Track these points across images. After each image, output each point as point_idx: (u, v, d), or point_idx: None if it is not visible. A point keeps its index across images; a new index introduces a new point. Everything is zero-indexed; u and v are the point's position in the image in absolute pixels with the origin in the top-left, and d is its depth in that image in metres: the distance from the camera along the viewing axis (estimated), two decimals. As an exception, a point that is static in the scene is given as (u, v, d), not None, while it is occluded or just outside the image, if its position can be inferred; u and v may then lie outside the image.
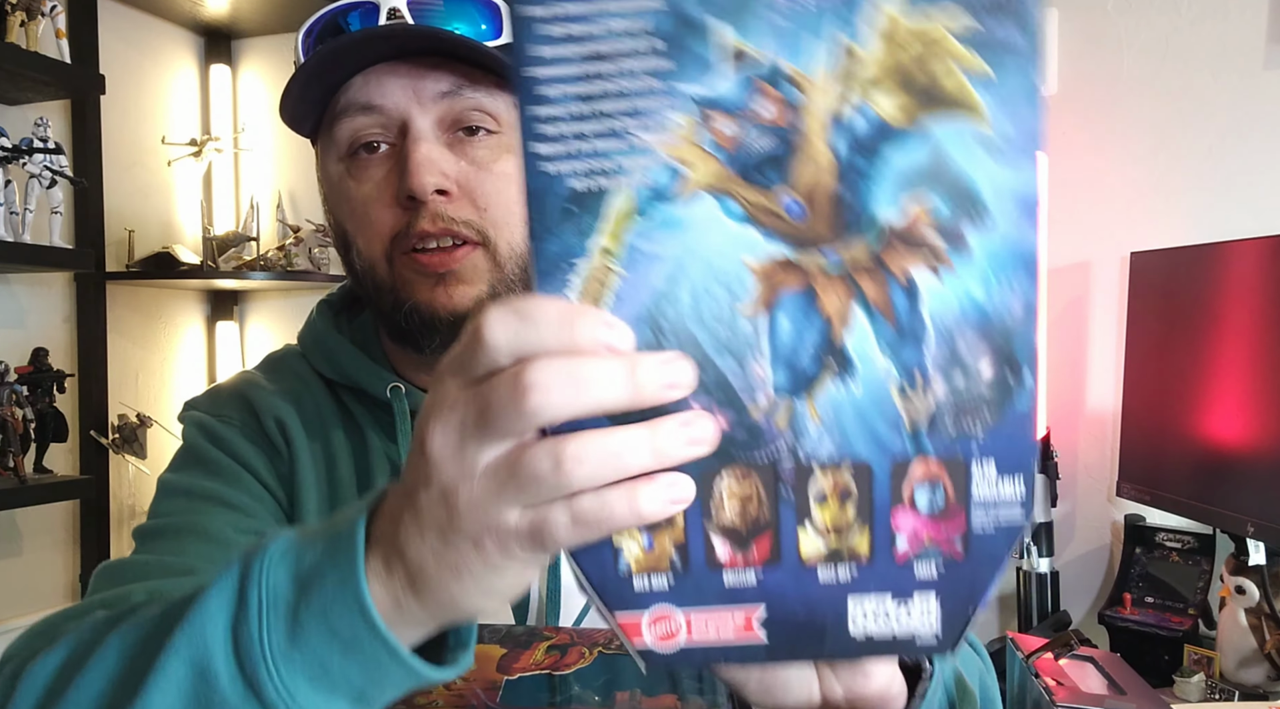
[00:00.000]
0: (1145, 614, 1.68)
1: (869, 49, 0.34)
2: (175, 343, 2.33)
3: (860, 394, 0.36)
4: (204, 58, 2.41)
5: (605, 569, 0.38)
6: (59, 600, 2.03)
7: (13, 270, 1.90)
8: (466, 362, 0.37)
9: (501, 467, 0.36)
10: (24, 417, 1.78)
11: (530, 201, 0.35)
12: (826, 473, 0.37)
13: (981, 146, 0.35)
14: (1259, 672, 1.49)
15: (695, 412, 0.36)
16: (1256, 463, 1.48)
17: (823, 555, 0.38)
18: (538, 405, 0.34)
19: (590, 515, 0.36)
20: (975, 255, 0.35)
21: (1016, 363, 0.36)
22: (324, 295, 0.86)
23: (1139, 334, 1.75)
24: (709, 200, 0.35)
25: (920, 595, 0.38)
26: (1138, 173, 1.85)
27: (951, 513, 0.38)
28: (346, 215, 0.73)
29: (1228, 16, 1.78)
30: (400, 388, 0.75)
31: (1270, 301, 1.46)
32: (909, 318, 0.36)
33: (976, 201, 0.35)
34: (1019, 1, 0.34)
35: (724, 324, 0.36)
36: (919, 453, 0.37)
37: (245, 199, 2.40)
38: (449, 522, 0.37)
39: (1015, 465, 0.37)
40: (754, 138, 0.35)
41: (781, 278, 0.36)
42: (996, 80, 0.34)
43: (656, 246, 0.35)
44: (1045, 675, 1.05)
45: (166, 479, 0.76)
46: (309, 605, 0.41)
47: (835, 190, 0.35)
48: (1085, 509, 1.91)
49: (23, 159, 1.72)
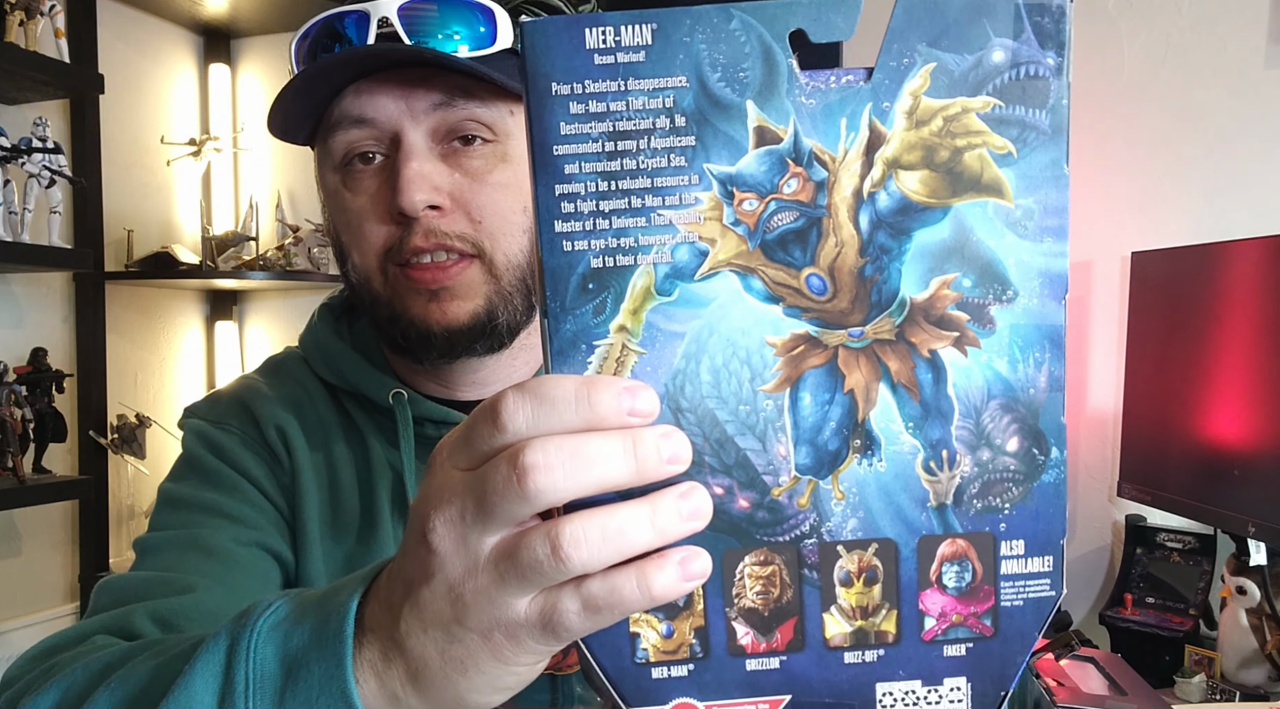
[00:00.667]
0: (1146, 614, 1.67)
1: (895, 128, 0.34)
2: (174, 343, 2.33)
3: (885, 471, 0.36)
4: (203, 57, 2.41)
5: (622, 659, 0.37)
6: (58, 600, 2.03)
7: (12, 270, 1.90)
8: (470, 444, 0.35)
9: (503, 555, 0.35)
10: (23, 417, 1.78)
11: (547, 280, 0.34)
12: (852, 553, 0.36)
13: (1005, 223, 0.35)
14: (1260, 672, 1.49)
15: (692, 484, 0.35)
16: (1257, 463, 1.48)
17: (849, 638, 0.37)
18: (539, 487, 0.33)
19: (600, 600, 0.34)
20: (1001, 332, 0.36)
21: (1044, 439, 0.36)
22: (324, 297, 0.86)
23: (1140, 334, 1.74)
24: (731, 278, 0.35)
25: (950, 679, 0.37)
26: (1138, 173, 1.85)
27: (980, 590, 0.37)
28: (342, 227, 0.73)
29: (1228, 17, 1.78)
30: (403, 394, 0.74)
31: (1271, 301, 1.46)
32: (934, 394, 0.36)
33: (1002, 278, 0.35)
34: (1044, 84, 0.34)
35: (746, 403, 0.35)
36: (946, 531, 0.36)
37: (244, 199, 2.40)
38: (455, 617, 0.36)
39: (1044, 541, 0.37)
40: (779, 216, 0.35)
41: (805, 356, 0.35)
42: (1019, 157, 0.35)
43: (676, 325, 0.35)
44: (1046, 676, 1.04)
45: (167, 488, 0.76)
46: (295, 693, 0.40)
47: (860, 267, 0.35)
48: (1086, 509, 1.91)
49: (22, 159, 1.72)
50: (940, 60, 0.34)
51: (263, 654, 0.41)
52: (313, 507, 0.74)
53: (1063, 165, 0.35)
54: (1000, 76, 0.34)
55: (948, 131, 0.34)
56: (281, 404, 0.77)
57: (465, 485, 0.35)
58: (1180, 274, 1.65)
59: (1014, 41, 0.34)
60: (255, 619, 0.42)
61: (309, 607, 0.42)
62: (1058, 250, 0.35)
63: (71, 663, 0.52)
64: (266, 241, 2.35)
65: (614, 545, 0.33)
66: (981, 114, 0.34)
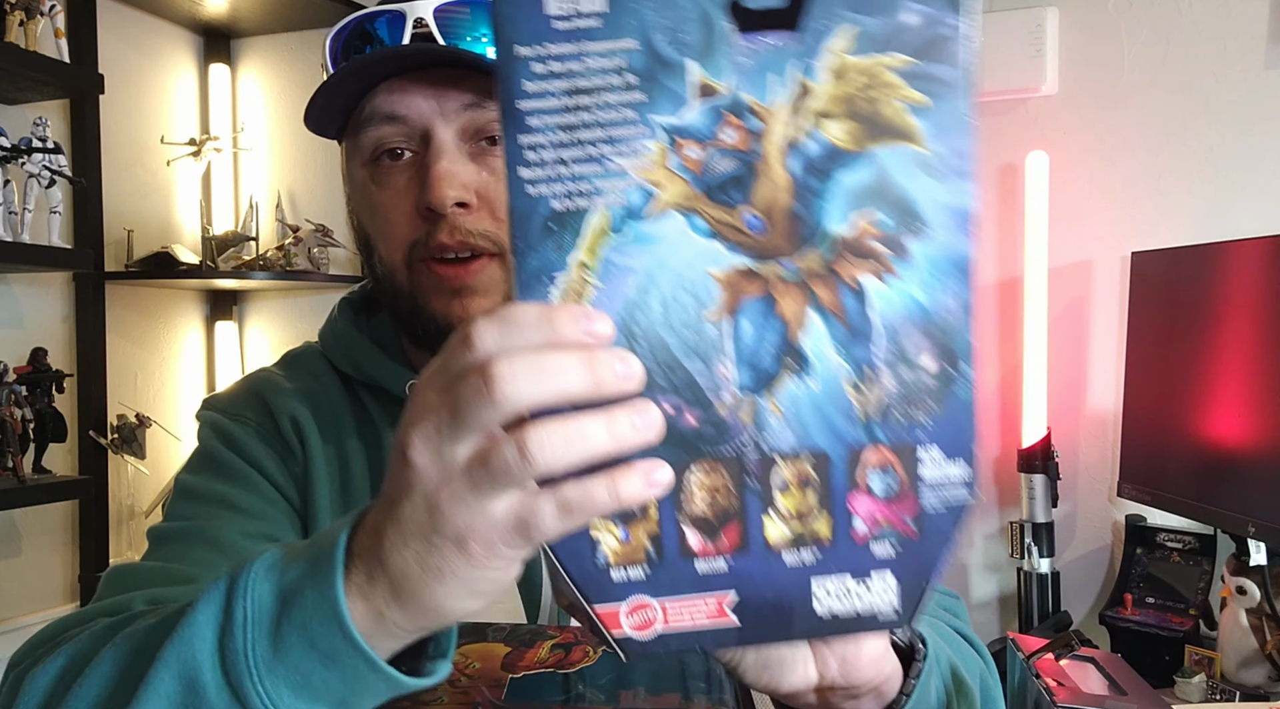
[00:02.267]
0: (1146, 615, 1.68)
1: (820, 83, 0.39)
2: (174, 343, 2.33)
3: (817, 389, 0.40)
4: (203, 57, 2.41)
5: (584, 562, 0.40)
6: (58, 600, 2.03)
7: (11, 270, 1.90)
8: (446, 367, 0.39)
9: (473, 461, 0.38)
10: (23, 417, 1.78)
11: (513, 220, 0.38)
12: (788, 463, 0.40)
13: (920, 167, 0.39)
14: (1260, 672, 1.49)
15: (644, 400, 0.38)
16: (1258, 463, 1.48)
17: (788, 540, 0.41)
18: (505, 394, 0.36)
19: (575, 502, 0.38)
20: (916, 262, 0.40)
21: (955, 356, 0.40)
22: (324, 297, 0.87)
23: (1140, 334, 1.75)
24: (678, 218, 0.39)
25: (878, 573, 0.42)
26: (1138, 173, 1.85)
27: (904, 496, 0.41)
28: (369, 219, 0.75)
29: (1228, 16, 1.78)
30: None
31: (1271, 301, 1.46)
32: (858, 319, 0.40)
33: (916, 215, 0.39)
34: (951, 42, 0.39)
35: (692, 329, 0.39)
36: (872, 441, 0.40)
37: (244, 199, 2.40)
38: (432, 525, 0.39)
39: (959, 449, 0.41)
40: (718, 161, 0.39)
41: (743, 286, 0.39)
42: (933, 108, 0.39)
43: (629, 260, 0.39)
44: (1046, 676, 1.04)
45: (182, 480, 0.77)
46: (290, 619, 0.43)
47: (792, 207, 0.39)
48: (1086, 509, 1.91)
49: (22, 159, 1.72)
50: (860, 23, 0.38)
51: (260, 590, 0.44)
52: (324, 498, 0.75)
53: (968, 114, 0.39)
54: (914, 36, 0.39)
55: (867, 85, 0.39)
56: (297, 396, 0.78)
57: (440, 401, 0.38)
58: (1180, 274, 1.65)
59: (924, 5, 0.39)
60: (253, 562, 0.45)
61: (303, 547, 0.45)
62: (965, 189, 0.39)
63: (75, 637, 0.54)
64: (266, 241, 2.35)
65: (575, 448, 0.37)
66: (898, 70, 0.39)
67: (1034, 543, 1.79)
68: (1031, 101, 1.91)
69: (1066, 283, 1.89)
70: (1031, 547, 1.79)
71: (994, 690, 0.66)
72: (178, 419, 2.30)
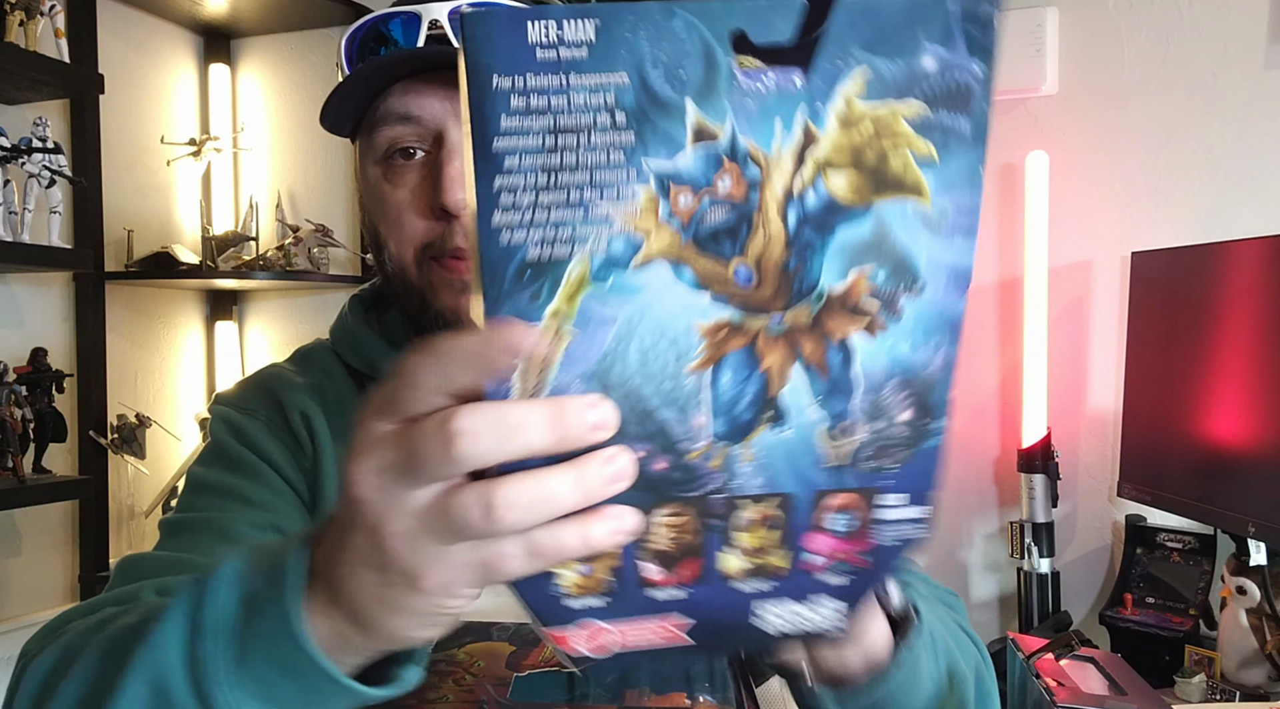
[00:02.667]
0: (1146, 615, 1.68)
1: (827, 131, 0.36)
2: (174, 343, 2.33)
3: (791, 437, 0.39)
4: (203, 57, 2.41)
5: (540, 591, 0.39)
6: (58, 600, 2.03)
7: (12, 270, 1.90)
8: (393, 402, 0.37)
9: (431, 510, 0.36)
10: (23, 417, 1.78)
11: (484, 269, 0.35)
12: (754, 504, 0.39)
13: (922, 223, 0.37)
14: (1260, 672, 1.49)
15: (616, 448, 0.37)
16: (1258, 463, 1.48)
17: (745, 572, 0.40)
18: (466, 452, 0.34)
19: (545, 550, 0.36)
20: (907, 320, 0.38)
21: (932, 412, 0.39)
22: (324, 297, 0.87)
23: (1140, 334, 1.75)
24: (664, 267, 0.36)
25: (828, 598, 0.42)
26: (1138, 173, 1.85)
27: (862, 533, 0.41)
28: (380, 217, 0.75)
29: (1228, 16, 1.78)
30: None
31: (1271, 301, 1.46)
32: (841, 375, 0.38)
33: (913, 273, 0.37)
34: (969, 92, 0.36)
35: (670, 379, 0.37)
36: (839, 487, 0.40)
37: (244, 199, 2.40)
38: (381, 563, 0.38)
39: (921, 495, 0.40)
40: (712, 211, 0.36)
41: (727, 339, 0.37)
42: (940, 163, 0.36)
43: (609, 310, 0.36)
44: (1046, 676, 1.04)
45: (194, 472, 0.78)
46: (252, 632, 0.43)
47: (785, 261, 0.37)
48: (1086, 509, 1.91)
49: (22, 158, 1.72)
50: (874, 65, 0.35)
51: (226, 598, 0.44)
52: (333, 491, 0.76)
53: (979, 169, 0.37)
54: (929, 82, 0.36)
55: (876, 134, 0.36)
56: (307, 392, 0.79)
57: (392, 441, 0.37)
58: (1180, 274, 1.65)
59: (944, 49, 0.35)
60: (220, 569, 0.45)
61: (268, 554, 0.45)
62: (966, 247, 0.37)
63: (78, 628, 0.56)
64: (266, 241, 2.34)
65: (543, 508, 0.36)
66: (909, 118, 0.36)
67: (1034, 543, 1.79)
68: (1031, 101, 1.91)
69: (1066, 283, 1.90)
70: (1031, 546, 1.79)
71: (988, 683, 0.66)
72: (178, 419, 2.30)
